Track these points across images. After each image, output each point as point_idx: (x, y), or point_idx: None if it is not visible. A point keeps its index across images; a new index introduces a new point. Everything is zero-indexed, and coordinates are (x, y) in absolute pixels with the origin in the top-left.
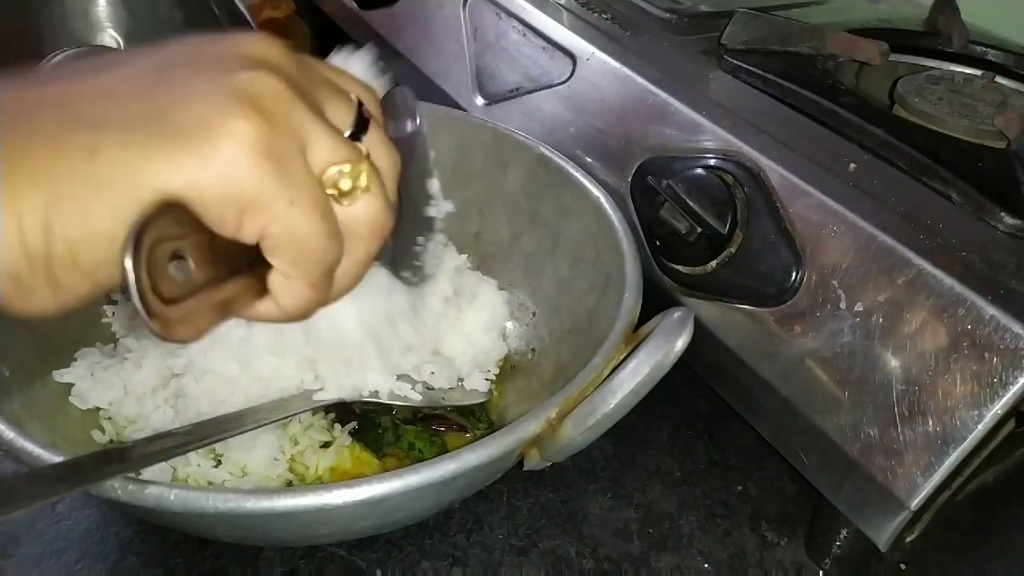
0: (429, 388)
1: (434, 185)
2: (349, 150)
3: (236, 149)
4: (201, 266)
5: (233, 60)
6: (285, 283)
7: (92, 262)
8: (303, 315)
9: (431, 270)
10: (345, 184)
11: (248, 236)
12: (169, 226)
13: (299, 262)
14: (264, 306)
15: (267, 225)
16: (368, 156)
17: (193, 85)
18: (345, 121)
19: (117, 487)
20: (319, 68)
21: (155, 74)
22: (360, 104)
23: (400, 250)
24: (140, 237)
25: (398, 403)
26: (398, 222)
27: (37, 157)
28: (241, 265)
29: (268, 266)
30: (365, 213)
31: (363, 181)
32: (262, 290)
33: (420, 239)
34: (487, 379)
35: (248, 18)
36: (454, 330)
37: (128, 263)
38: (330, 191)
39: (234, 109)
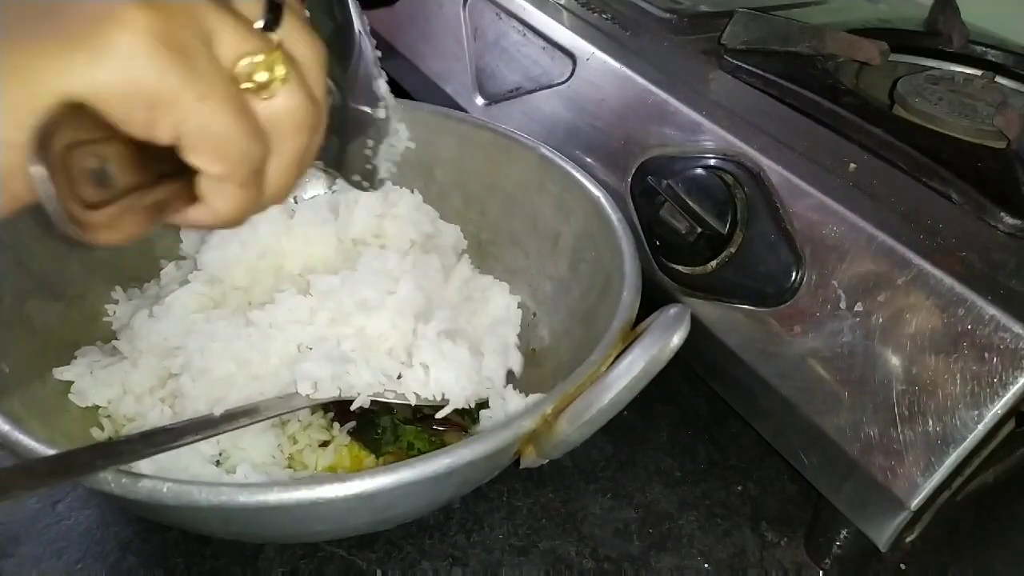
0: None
1: (381, 87)
2: (258, 40)
3: (132, 41)
4: (126, 171)
5: None
6: (214, 186)
7: (1, 173)
8: (237, 219)
9: (385, 174)
10: (261, 76)
11: (163, 136)
12: (82, 130)
13: (221, 161)
14: (196, 211)
15: (180, 123)
16: (282, 46)
17: None
18: (254, 11)
19: (110, 480)
20: None
21: None
22: None
23: (349, 152)
24: (46, 141)
25: (398, 402)
26: (344, 122)
27: None
28: (172, 168)
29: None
30: (287, 106)
31: (279, 72)
32: (193, 195)
33: (370, 141)
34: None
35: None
36: (464, 332)
37: (35, 168)
38: (245, 85)
39: (126, 1)
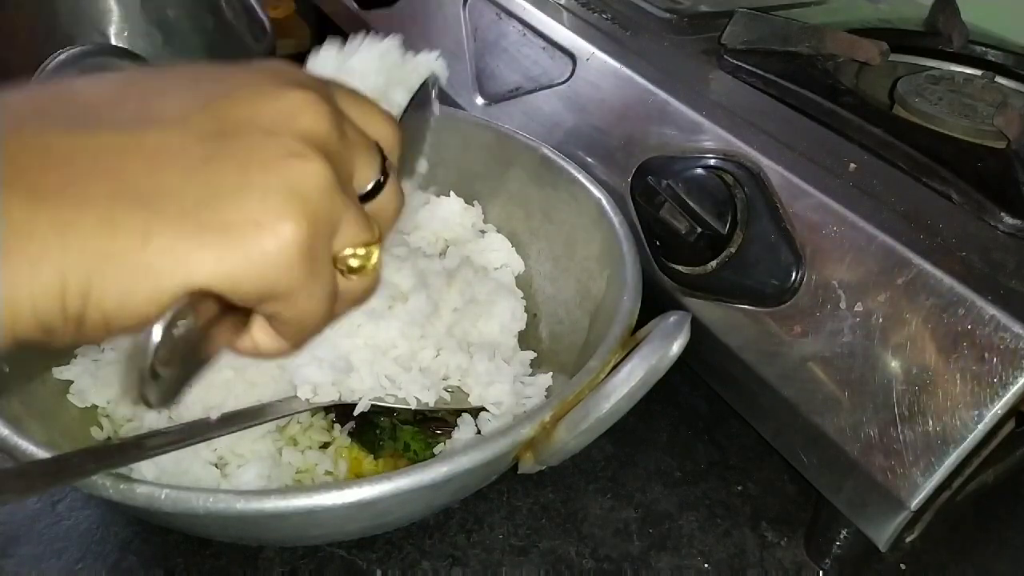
0: (448, 390)
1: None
2: (368, 234)
3: (279, 251)
4: (196, 319)
5: (287, 136)
6: (270, 336)
7: (119, 328)
8: (275, 358)
9: None
10: (355, 263)
11: (259, 310)
12: (201, 311)
13: (296, 336)
14: (242, 342)
15: (282, 310)
16: (380, 237)
17: (248, 173)
18: (368, 179)
19: (108, 486)
20: (352, 115)
21: (209, 144)
22: (383, 158)
23: None
24: (173, 322)
25: (399, 407)
26: None
27: (88, 230)
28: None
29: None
30: (363, 287)
31: (372, 262)
32: (243, 326)
33: None
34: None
35: (259, 11)
36: (467, 336)
37: (154, 341)
38: (340, 267)
39: (284, 211)
